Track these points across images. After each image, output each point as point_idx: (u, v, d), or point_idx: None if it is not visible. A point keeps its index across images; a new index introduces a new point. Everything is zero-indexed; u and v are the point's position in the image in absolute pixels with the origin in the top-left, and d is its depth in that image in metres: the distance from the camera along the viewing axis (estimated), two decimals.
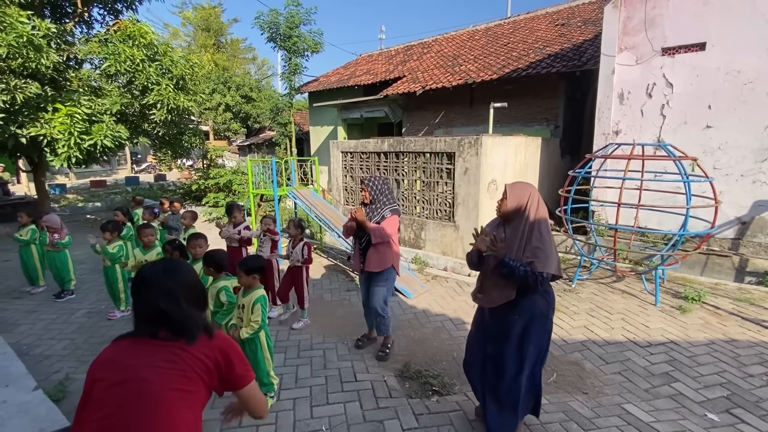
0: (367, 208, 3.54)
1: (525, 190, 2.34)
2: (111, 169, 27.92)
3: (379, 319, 3.65)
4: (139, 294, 1.34)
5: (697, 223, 5.32)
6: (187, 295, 1.34)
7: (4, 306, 4.90)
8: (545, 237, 2.24)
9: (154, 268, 1.38)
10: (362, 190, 3.57)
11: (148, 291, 1.31)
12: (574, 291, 5.17)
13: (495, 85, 9.34)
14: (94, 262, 6.72)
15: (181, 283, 1.36)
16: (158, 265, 1.39)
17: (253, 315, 2.75)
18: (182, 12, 28.26)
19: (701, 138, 5.76)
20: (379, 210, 3.50)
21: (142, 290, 1.33)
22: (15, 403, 2.67)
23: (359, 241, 3.59)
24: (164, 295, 1.29)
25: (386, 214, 3.49)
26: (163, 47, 8.52)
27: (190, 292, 1.37)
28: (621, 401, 2.99)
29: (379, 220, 3.46)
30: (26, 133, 7.15)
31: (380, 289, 3.56)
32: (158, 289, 1.31)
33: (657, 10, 5.92)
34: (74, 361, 3.61)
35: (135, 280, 1.37)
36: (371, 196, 3.51)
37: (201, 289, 1.46)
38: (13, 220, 9.05)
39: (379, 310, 3.58)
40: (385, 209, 3.50)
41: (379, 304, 3.57)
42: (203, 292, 1.48)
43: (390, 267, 3.54)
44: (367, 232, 3.42)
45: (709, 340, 3.86)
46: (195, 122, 14.10)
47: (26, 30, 6.45)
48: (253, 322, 2.75)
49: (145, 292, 1.32)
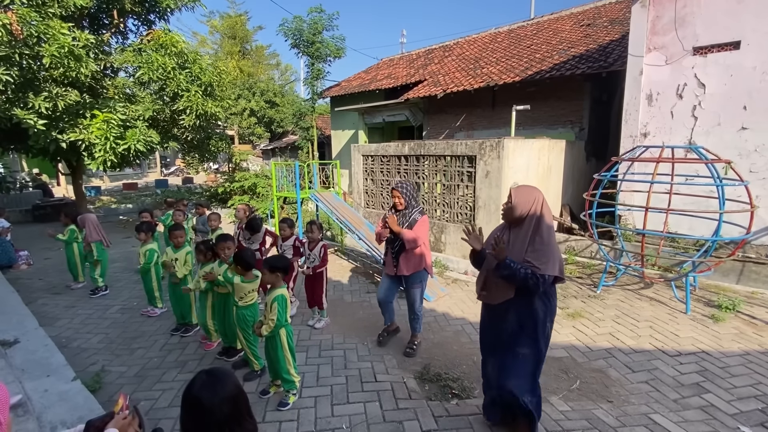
0: (398, 213, 3.59)
1: (530, 194, 2.30)
2: (142, 172, 29.06)
3: (413, 317, 3.77)
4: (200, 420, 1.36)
5: (731, 229, 5.10)
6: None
7: (45, 301, 5.20)
8: (547, 239, 2.22)
9: (212, 396, 1.36)
10: (395, 197, 3.59)
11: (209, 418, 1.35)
12: (599, 297, 5.05)
13: (518, 88, 9.23)
14: (127, 261, 7.03)
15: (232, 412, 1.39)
16: (216, 395, 1.38)
17: (271, 313, 2.82)
18: (210, 21, 29.27)
19: (736, 140, 5.52)
20: (411, 214, 3.55)
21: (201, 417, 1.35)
22: (56, 392, 2.83)
23: (392, 246, 3.64)
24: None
25: (416, 216, 3.55)
26: (193, 55, 8.86)
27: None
28: (648, 411, 2.90)
29: (411, 222, 3.51)
30: (66, 138, 7.58)
31: (416, 291, 3.66)
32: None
33: (688, 8, 5.74)
34: (109, 354, 3.80)
35: (192, 404, 1.36)
36: (406, 202, 3.56)
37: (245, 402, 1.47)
38: (54, 220, 9.59)
39: (415, 310, 3.71)
40: (414, 212, 3.56)
41: (416, 305, 3.70)
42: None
43: (423, 270, 3.62)
44: (400, 238, 3.48)
45: (744, 351, 3.69)
46: (221, 127, 14.51)
47: (67, 41, 6.85)
48: (270, 320, 2.82)
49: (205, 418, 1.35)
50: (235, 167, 15.42)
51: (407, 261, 3.56)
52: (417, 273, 3.61)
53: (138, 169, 28.39)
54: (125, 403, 1.56)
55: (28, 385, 2.87)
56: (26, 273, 6.53)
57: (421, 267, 3.59)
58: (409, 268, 3.57)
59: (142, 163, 27.61)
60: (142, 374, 3.43)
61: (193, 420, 1.37)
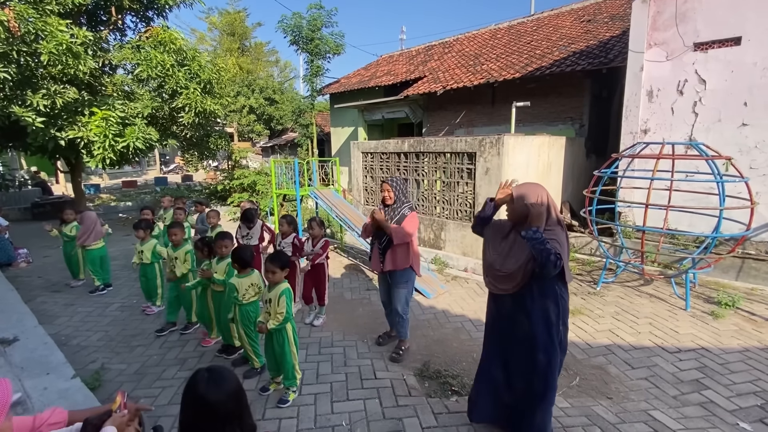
0: (387, 208, 3.55)
1: (534, 190, 2.23)
2: (141, 170, 29.02)
3: (398, 320, 3.65)
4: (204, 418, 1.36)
5: (731, 225, 5.10)
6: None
7: (45, 299, 5.19)
8: (561, 240, 2.16)
9: (217, 393, 1.37)
10: (385, 191, 3.53)
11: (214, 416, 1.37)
12: (598, 294, 5.05)
13: (517, 84, 9.20)
14: (126, 259, 7.02)
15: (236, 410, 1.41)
16: (222, 393, 1.38)
17: (279, 307, 2.85)
18: (209, 17, 29.13)
19: (736, 136, 5.51)
20: (399, 209, 3.51)
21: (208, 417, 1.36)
22: (55, 390, 2.83)
23: (378, 242, 3.57)
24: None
25: (405, 212, 3.49)
26: (192, 52, 8.82)
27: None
28: (647, 407, 2.91)
29: (400, 218, 3.46)
30: (65, 135, 7.55)
31: (401, 291, 3.55)
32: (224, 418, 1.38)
33: (689, 4, 5.71)
34: (109, 352, 3.80)
35: (199, 402, 1.36)
36: (395, 196, 3.51)
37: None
38: (53, 217, 9.57)
39: (399, 311, 3.58)
40: (404, 207, 3.51)
41: (401, 305, 3.57)
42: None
43: (409, 267, 3.53)
44: (387, 233, 3.43)
45: (743, 347, 3.70)
46: (220, 124, 14.48)
47: (65, 38, 6.81)
48: (278, 314, 2.85)
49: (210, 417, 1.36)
50: (235, 165, 15.39)
51: (393, 257, 3.45)
52: (403, 272, 3.50)
53: (137, 167, 28.36)
54: (123, 401, 1.55)
55: (28, 383, 2.87)
56: (25, 271, 6.53)
57: (407, 264, 3.48)
58: (396, 264, 3.45)
59: (142, 161, 27.57)
60: (142, 372, 3.43)
61: (195, 417, 1.37)
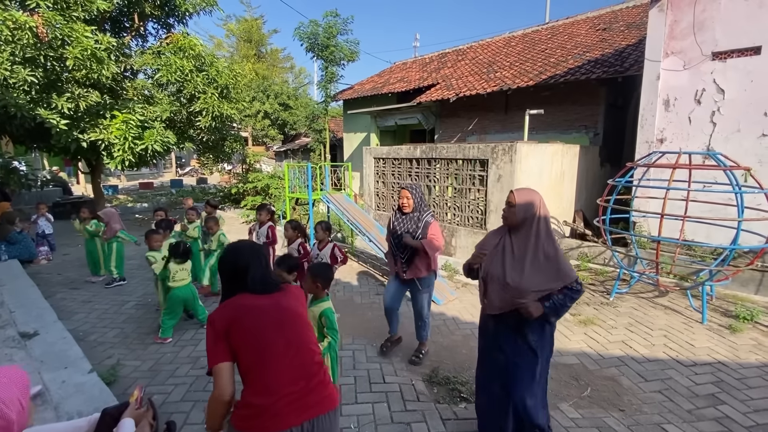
0: (406, 216, 3.55)
1: (532, 196, 2.22)
2: (158, 172, 29.66)
3: (421, 324, 3.70)
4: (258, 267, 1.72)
5: (750, 238, 4.98)
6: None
7: (64, 296, 5.34)
8: (557, 246, 2.17)
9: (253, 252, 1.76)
10: (403, 197, 3.52)
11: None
12: (612, 304, 4.97)
13: (531, 92, 9.18)
14: (141, 258, 7.16)
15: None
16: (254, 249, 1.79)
17: (330, 323, 2.61)
18: (226, 24, 29.76)
19: (756, 147, 5.40)
20: (422, 218, 3.50)
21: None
22: (72, 384, 2.91)
23: (401, 253, 3.54)
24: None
25: (428, 219, 3.51)
26: (210, 58, 9.04)
27: None
28: (660, 421, 2.85)
29: (424, 226, 3.47)
30: (87, 137, 7.79)
31: (424, 296, 3.61)
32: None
33: (707, 12, 5.65)
34: (124, 348, 3.89)
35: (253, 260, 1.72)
36: (415, 204, 3.53)
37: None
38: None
39: (423, 316, 3.64)
40: (426, 215, 3.52)
41: (424, 310, 3.63)
42: None
43: (432, 273, 3.59)
44: (418, 249, 3.43)
45: (762, 363, 3.60)
46: (236, 128, 14.74)
47: (90, 44, 7.06)
48: (332, 330, 2.61)
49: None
50: (249, 168, 15.62)
51: (419, 266, 3.49)
52: (427, 277, 3.57)
53: (154, 169, 29.01)
54: (140, 395, 1.60)
55: (47, 376, 2.95)
56: (46, 268, 6.72)
57: (431, 270, 3.56)
58: (420, 272, 3.51)
59: (158, 163, 28.17)
60: (156, 368, 3.51)
61: (232, 266, 1.69)
